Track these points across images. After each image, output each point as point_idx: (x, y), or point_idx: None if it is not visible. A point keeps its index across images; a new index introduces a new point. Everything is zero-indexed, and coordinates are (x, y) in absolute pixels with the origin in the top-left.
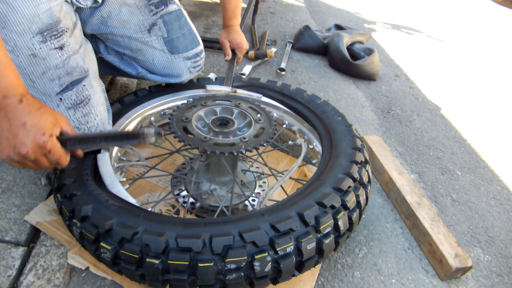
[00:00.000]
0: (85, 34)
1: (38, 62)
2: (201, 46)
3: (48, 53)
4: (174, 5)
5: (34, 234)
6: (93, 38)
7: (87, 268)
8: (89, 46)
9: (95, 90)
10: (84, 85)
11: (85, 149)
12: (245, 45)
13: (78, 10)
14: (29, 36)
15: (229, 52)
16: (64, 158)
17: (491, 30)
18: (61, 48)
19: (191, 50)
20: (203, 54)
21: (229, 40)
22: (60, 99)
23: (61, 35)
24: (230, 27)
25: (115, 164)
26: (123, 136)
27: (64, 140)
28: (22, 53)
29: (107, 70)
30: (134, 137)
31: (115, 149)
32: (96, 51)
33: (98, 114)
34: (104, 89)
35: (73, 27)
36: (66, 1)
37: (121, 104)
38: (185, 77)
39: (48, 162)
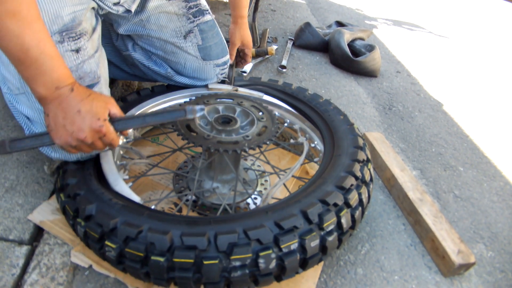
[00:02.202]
0: (117, 34)
1: None
2: (228, 55)
3: (63, 54)
4: (209, 15)
5: (38, 233)
6: (119, 36)
7: (90, 266)
8: (103, 53)
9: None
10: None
11: (133, 128)
12: (251, 44)
13: (113, 14)
14: None
15: (234, 53)
16: (116, 140)
17: (493, 26)
18: (77, 51)
19: (221, 58)
20: (229, 62)
21: (241, 39)
22: None
23: (79, 38)
24: (242, 19)
25: (117, 162)
26: (169, 112)
27: (114, 121)
28: None
29: (124, 75)
30: (179, 113)
31: (117, 148)
32: (123, 50)
33: None
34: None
35: (92, 31)
36: (92, 8)
37: (123, 102)
38: (213, 82)
39: (102, 144)
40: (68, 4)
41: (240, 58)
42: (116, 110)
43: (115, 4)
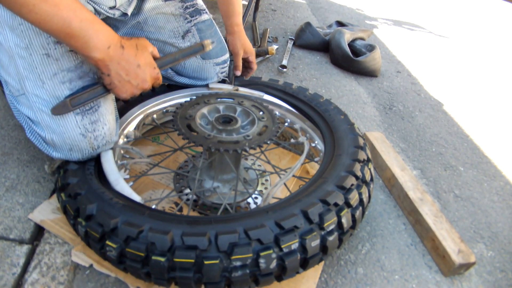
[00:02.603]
0: None
1: (51, 62)
2: (228, 54)
3: (62, 55)
4: (206, 15)
5: (38, 232)
6: None
7: (91, 265)
8: None
9: (106, 98)
10: None
11: (169, 66)
12: (253, 50)
13: (110, 18)
14: (46, 35)
15: (240, 64)
16: (161, 79)
17: (493, 26)
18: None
19: (221, 57)
20: (229, 61)
21: (244, 48)
22: None
23: None
24: (238, 26)
25: (118, 161)
26: (192, 49)
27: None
28: (36, 52)
29: None
30: (198, 47)
31: (117, 147)
32: None
33: (106, 123)
34: (114, 99)
35: None
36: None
37: (124, 102)
38: (213, 81)
39: (150, 85)
40: None
41: (244, 67)
42: (152, 48)
43: (111, 8)
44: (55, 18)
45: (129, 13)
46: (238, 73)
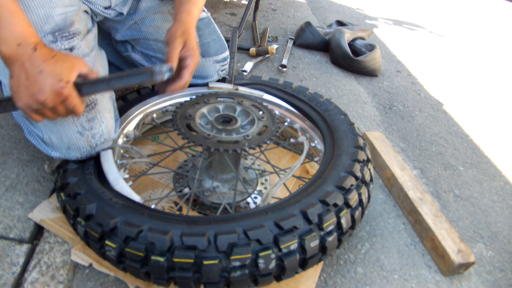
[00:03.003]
0: (115, 41)
1: None
2: (228, 52)
3: None
4: (203, 13)
5: (38, 231)
6: (119, 41)
7: (91, 264)
8: (102, 53)
9: (103, 95)
10: None
11: (100, 92)
12: (198, 54)
13: (108, 20)
14: (40, 35)
15: (175, 58)
16: (79, 106)
17: (494, 25)
18: (71, 49)
19: (221, 54)
20: (229, 59)
21: (185, 40)
22: None
23: (72, 37)
24: (189, 15)
25: (117, 161)
26: (136, 74)
27: (79, 86)
28: None
29: None
30: (146, 74)
31: (117, 147)
32: (122, 51)
33: (104, 121)
34: (114, 98)
35: (86, 32)
36: (86, 12)
37: (124, 101)
38: (213, 79)
39: (65, 109)
40: (59, 5)
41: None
42: (86, 70)
43: (106, 8)
44: None
45: (124, 13)
46: (173, 66)
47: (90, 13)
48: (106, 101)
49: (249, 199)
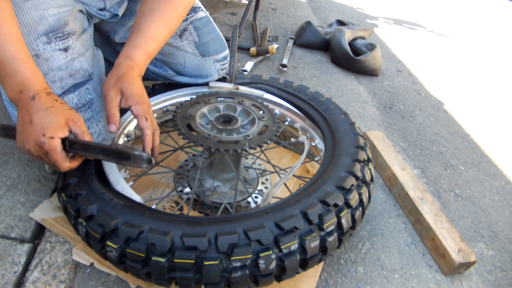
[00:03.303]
0: (115, 43)
1: (41, 63)
2: (228, 50)
3: (51, 54)
4: (202, 12)
5: (39, 230)
6: (119, 43)
7: (92, 264)
8: (98, 53)
9: (99, 94)
10: (87, 89)
11: (84, 156)
12: (146, 99)
13: (105, 22)
14: (34, 36)
15: (113, 111)
16: (61, 162)
17: (495, 25)
18: (65, 50)
19: (220, 53)
20: (229, 57)
21: (120, 88)
22: None
23: (66, 37)
24: (130, 61)
25: None
26: (118, 155)
27: (68, 142)
28: None
29: None
30: (126, 158)
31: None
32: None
33: (101, 120)
34: None
35: (81, 32)
36: (81, 11)
37: None
38: (213, 78)
39: (50, 161)
40: (52, 6)
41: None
42: (78, 130)
43: (101, 9)
44: None
45: (119, 15)
46: (113, 126)
47: (85, 13)
48: (102, 101)
49: (249, 199)
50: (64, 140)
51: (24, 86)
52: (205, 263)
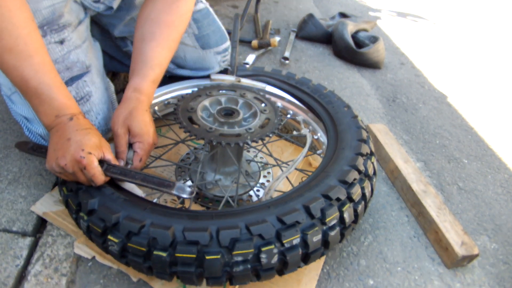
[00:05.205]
0: (114, 37)
1: None
2: (229, 42)
3: (47, 47)
4: (201, 4)
5: (41, 224)
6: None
7: (94, 257)
8: (96, 45)
9: (98, 87)
10: (85, 81)
11: (121, 180)
12: (150, 138)
13: (103, 16)
14: None
15: (122, 149)
16: (98, 176)
17: (499, 18)
18: (61, 42)
19: (221, 45)
20: (230, 49)
21: (128, 126)
22: None
23: (62, 30)
24: (139, 94)
25: None
26: (159, 183)
27: (106, 165)
28: None
29: (126, 69)
30: (168, 187)
31: None
32: (122, 46)
33: (100, 113)
34: (113, 89)
35: (77, 23)
36: (76, 2)
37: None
38: (214, 70)
39: (85, 177)
40: None
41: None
42: (110, 156)
43: (95, 1)
44: (15, 72)
45: (114, 7)
46: (122, 162)
47: (80, 3)
48: (101, 93)
49: (251, 192)
50: (99, 161)
51: (60, 110)
52: (207, 257)
